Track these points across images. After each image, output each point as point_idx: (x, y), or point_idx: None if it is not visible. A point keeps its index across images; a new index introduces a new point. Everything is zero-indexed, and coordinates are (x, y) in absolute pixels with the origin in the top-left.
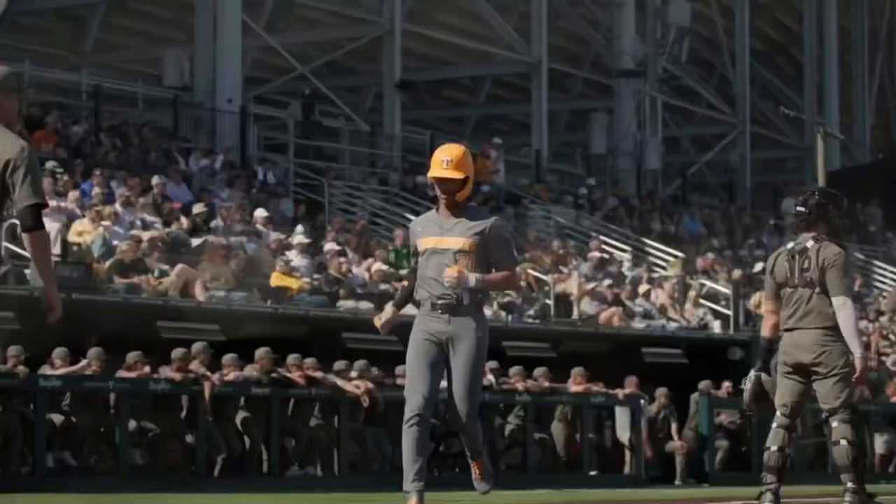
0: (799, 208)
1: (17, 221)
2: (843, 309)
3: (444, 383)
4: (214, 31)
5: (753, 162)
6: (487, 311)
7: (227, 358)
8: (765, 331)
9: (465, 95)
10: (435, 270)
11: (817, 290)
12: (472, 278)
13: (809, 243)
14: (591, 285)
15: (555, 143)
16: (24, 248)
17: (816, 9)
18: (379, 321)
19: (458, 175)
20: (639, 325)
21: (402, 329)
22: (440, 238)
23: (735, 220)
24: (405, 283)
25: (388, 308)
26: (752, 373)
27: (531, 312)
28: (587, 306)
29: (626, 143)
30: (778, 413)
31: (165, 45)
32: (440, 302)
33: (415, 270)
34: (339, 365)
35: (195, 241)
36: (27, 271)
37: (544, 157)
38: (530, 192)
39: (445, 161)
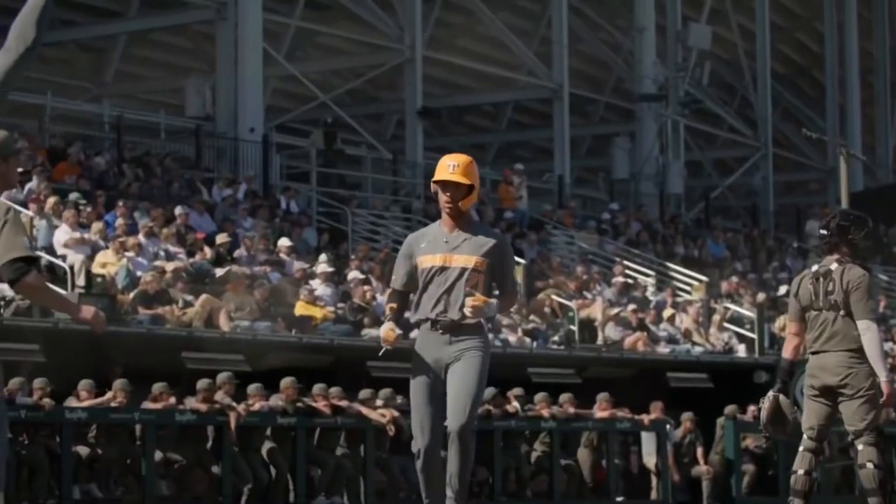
0: (821, 231)
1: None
2: (867, 332)
3: None
4: (236, 61)
5: (776, 185)
6: (512, 337)
7: (253, 388)
8: (786, 353)
9: (486, 122)
10: (441, 289)
11: (842, 312)
12: (495, 305)
13: (833, 266)
14: (615, 310)
15: (577, 169)
16: (48, 281)
17: (837, 30)
18: (392, 336)
19: (464, 180)
20: (663, 349)
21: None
22: (448, 255)
23: (758, 243)
24: (393, 305)
25: (389, 325)
26: (771, 393)
27: (556, 338)
28: (612, 331)
29: (649, 168)
30: (805, 436)
31: (187, 76)
32: (442, 320)
33: (402, 293)
34: (365, 394)
35: (219, 272)
36: None
37: (567, 182)
38: (553, 218)
39: (452, 165)
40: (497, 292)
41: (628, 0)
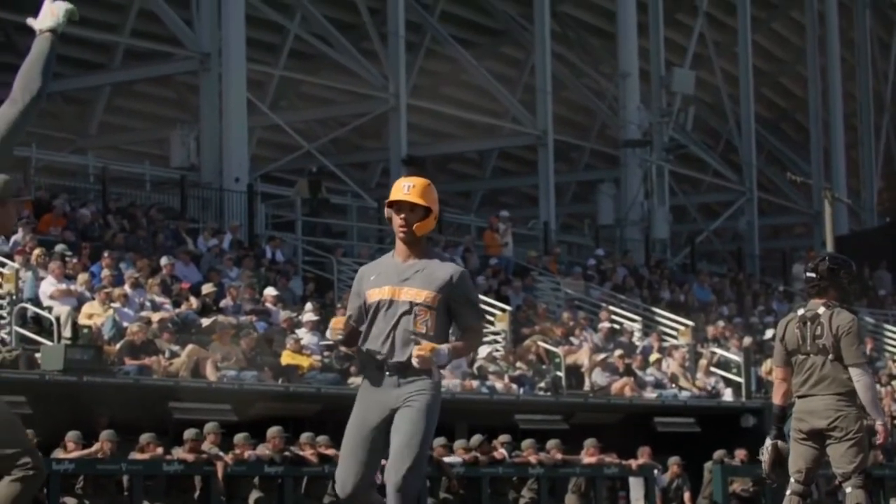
0: (809, 274)
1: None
2: (861, 377)
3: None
4: (220, 111)
5: (761, 228)
6: (499, 384)
7: (240, 437)
8: (776, 398)
9: (471, 169)
10: (387, 326)
11: (831, 356)
12: (445, 356)
13: (821, 310)
14: (601, 356)
15: (562, 215)
16: (34, 333)
17: (821, 74)
18: (340, 321)
19: (420, 201)
20: (650, 394)
21: None
22: (396, 288)
23: (744, 287)
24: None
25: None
26: (769, 441)
27: (542, 385)
28: (598, 377)
29: (634, 213)
30: (792, 479)
31: (171, 126)
32: (391, 362)
33: (355, 330)
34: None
35: (205, 321)
36: (38, 355)
37: (552, 228)
38: (539, 265)
39: (407, 186)
40: (453, 335)
41: (612, 46)
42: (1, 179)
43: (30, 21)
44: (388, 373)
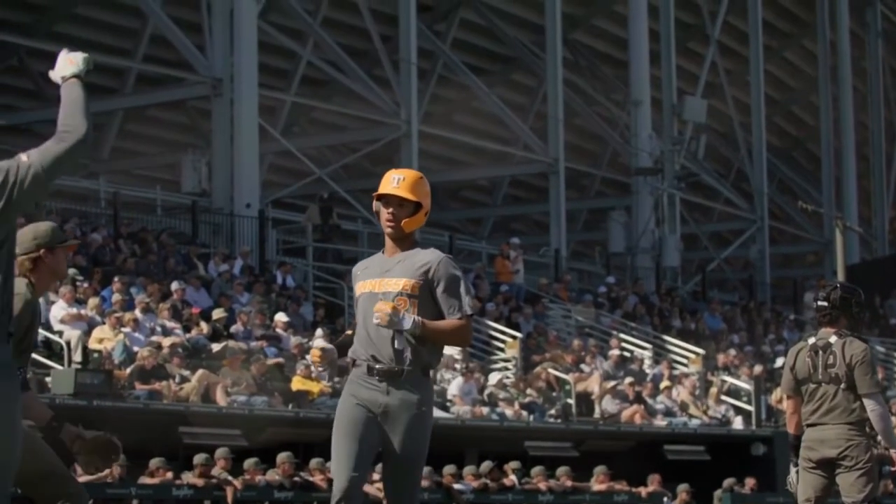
0: (821, 303)
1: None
2: (876, 406)
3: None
4: (231, 137)
5: (772, 257)
6: (509, 411)
7: (249, 463)
8: (791, 428)
9: (483, 196)
10: (369, 320)
11: (843, 385)
12: (410, 319)
13: (833, 338)
14: (612, 383)
15: (573, 242)
16: (44, 357)
17: (832, 103)
18: (317, 353)
19: (409, 196)
20: (661, 422)
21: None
22: (379, 280)
23: (755, 315)
24: (349, 331)
25: (323, 342)
26: (793, 469)
27: (552, 412)
28: (608, 404)
29: (645, 241)
30: None
31: (183, 152)
32: (378, 367)
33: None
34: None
35: (215, 347)
36: (48, 379)
37: (563, 256)
38: (550, 292)
39: (397, 179)
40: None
41: (624, 74)
42: (48, 227)
43: (52, 74)
44: (377, 378)
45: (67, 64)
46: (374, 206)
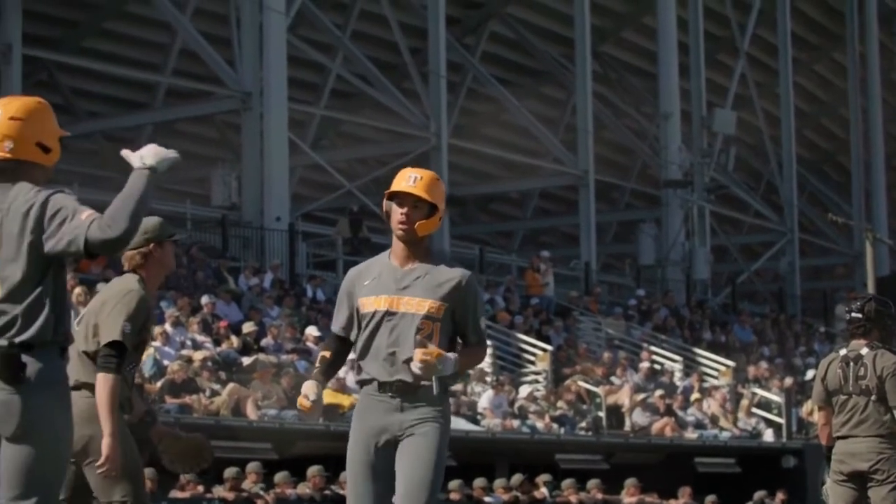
0: (855, 315)
1: None
2: None
3: None
4: (261, 150)
5: (802, 269)
6: (539, 424)
7: (280, 476)
8: (824, 439)
9: (512, 209)
10: (387, 341)
11: (874, 397)
12: (451, 364)
13: (864, 350)
14: (642, 396)
15: (603, 255)
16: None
17: (862, 115)
18: (306, 403)
19: (425, 196)
20: (691, 434)
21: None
22: (395, 297)
23: (785, 327)
24: (325, 353)
25: (311, 385)
26: (829, 480)
27: (583, 424)
28: (639, 417)
29: (675, 253)
30: None
31: (213, 166)
32: (391, 380)
33: (342, 339)
34: None
35: (246, 360)
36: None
37: (593, 268)
38: (580, 304)
39: (413, 178)
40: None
41: (653, 87)
42: (157, 221)
43: (126, 153)
44: (390, 396)
45: (153, 154)
46: (385, 205)
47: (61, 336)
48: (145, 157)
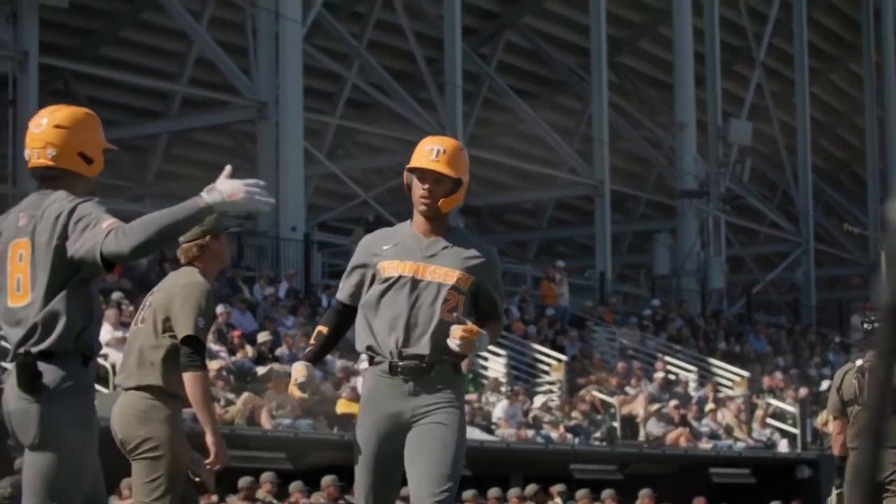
0: (878, 324)
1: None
2: None
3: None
4: (277, 160)
5: (818, 280)
6: (554, 434)
7: (294, 486)
8: (836, 449)
9: (528, 219)
10: (405, 310)
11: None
12: (486, 340)
13: None
14: (656, 406)
15: (619, 265)
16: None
17: (878, 125)
18: (295, 390)
19: (449, 172)
20: (706, 445)
21: None
22: (422, 264)
23: (800, 338)
24: (322, 328)
25: (299, 366)
26: (834, 492)
27: (597, 434)
28: (653, 427)
29: (690, 264)
30: None
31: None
32: (402, 364)
33: (344, 310)
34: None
35: (261, 370)
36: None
37: (608, 278)
38: (595, 315)
39: (436, 150)
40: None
41: (669, 97)
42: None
43: (207, 191)
44: (402, 377)
45: (226, 191)
46: (406, 177)
47: (85, 345)
48: (216, 191)
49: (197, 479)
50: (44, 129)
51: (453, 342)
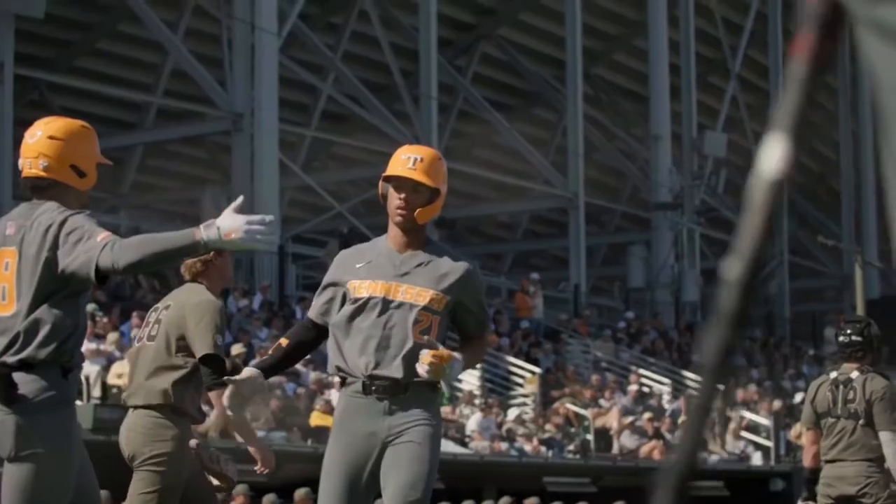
0: (855, 338)
1: None
2: (891, 442)
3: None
4: (252, 172)
5: (792, 292)
6: (527, 446)
7: (268, 499)
8: (807, 461)
9: (502, 231)
10: (376, 332)
11: (861, 421)
12: (459, 366)
13: (854, 374)
14: (630, 419)
15: (593, 277)
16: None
17: (852, 138)
18: (227, 391)
19: (426, 181)
20: None
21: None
22: (393, 284)
23: (774, 350)
24: (283, 340)
25: (249, 371)
26: (800, 503)
27: (571, 447)
28: (627, 440)
29: (665, 276)
30: None
31: (203, 186)
32: (377, 383)
33: (314, 325)
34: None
35: None
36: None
37: (583, 291)
38: (569, 327)
39: (413, 159)
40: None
41: (644, 109)
42: None
43: (203, 228)
44: (376, 397)
45: (225, 227)
46: (381, 187)
47: (65, 357)
48: (214, 227)
49: (219, 476)
50: (37, 139)
51: (421, 368)
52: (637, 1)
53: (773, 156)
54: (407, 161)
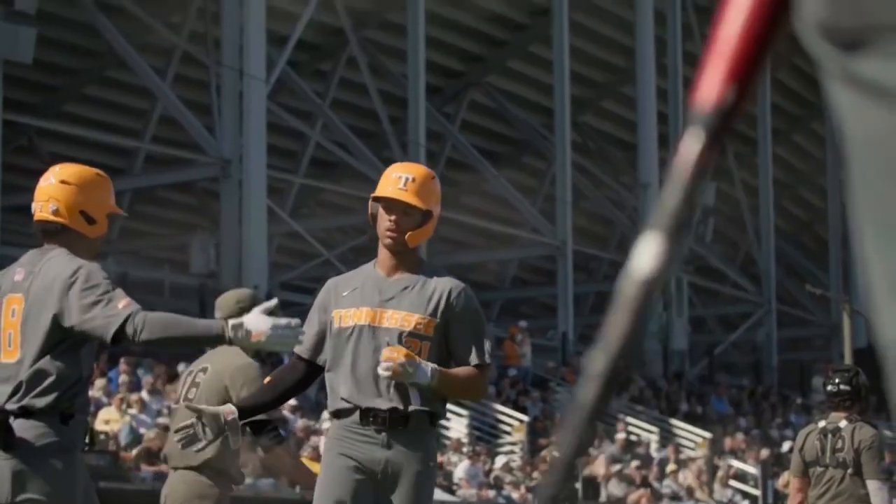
0: (844, 387)
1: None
2: (879, 491)
3: None
4: (240, 218)
5: (780, 341)
6: (515, 494)
7: None
8: None
9: (491, 279)
10: (365, 362)
11: (850, 471)
12: (427, 370)
13: (843, 423)
14: (618, 467)
15: (581, 326)
16: None
17: (840, 185)
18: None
19: (417, 203)
20: None
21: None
22: (378, 310)
23: (762, 399)
24: (266, 380)
25: (226, 407)
26: None
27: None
28: (615, 488)
29: (653, 324)
30: None
31: (191, 233)
32: (374, 415)
33: (301, 361)
34: None
35: None
36: None
37: (571, 339)
38: (557, 375)
39: (404, 179)
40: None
41: (632, 157)
42: (249, 293)
43: (230, 328)
44: (374, 428)
45: (255, 332)
46: (371, 207)
47: (64, 404)
48: (243, 328)
49: None
50: (50, 184)
51: (381, 366)
52: (625, 49)
53: (646, 254)
54: (398, 181)
